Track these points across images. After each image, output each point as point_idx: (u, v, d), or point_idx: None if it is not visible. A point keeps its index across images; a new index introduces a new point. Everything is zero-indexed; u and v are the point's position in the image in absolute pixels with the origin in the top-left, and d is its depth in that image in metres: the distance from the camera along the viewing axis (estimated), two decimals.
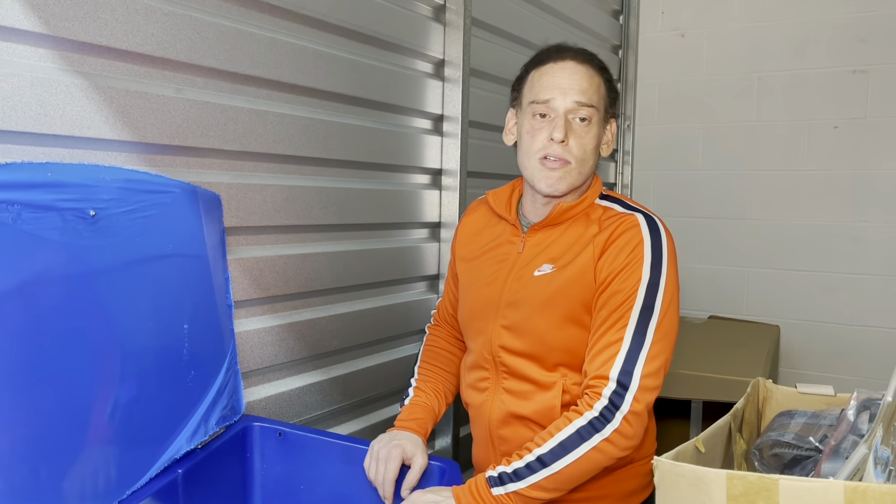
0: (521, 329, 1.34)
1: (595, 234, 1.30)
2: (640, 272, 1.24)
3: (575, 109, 1.29)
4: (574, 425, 1.20)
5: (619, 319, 1.23)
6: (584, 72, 1.32)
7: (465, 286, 1.48)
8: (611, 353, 1.22)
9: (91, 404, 1.06)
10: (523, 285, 1.34)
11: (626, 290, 1.24)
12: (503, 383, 1.38)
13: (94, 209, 1.06)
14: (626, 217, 1.30)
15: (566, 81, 1.30)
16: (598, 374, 1.22)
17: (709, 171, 3.06)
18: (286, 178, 1.61)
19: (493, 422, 1.39)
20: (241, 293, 1.49)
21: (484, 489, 1.19)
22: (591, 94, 1.31)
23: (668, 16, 3.13)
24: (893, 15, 2.71)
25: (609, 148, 1.38)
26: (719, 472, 0.89)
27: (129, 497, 1.12)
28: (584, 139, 1.30)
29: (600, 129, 1.33)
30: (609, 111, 1.36)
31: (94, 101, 1.20)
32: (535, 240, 1.37)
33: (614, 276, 1.25)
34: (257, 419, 1.43)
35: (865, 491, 0.83)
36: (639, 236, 1.26)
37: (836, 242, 2.84)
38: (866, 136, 2.77)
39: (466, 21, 2.02)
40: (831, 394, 1.34)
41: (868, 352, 2.79)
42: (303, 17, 1.61)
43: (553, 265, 1.32)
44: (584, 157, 1.30)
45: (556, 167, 1.30)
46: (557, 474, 1.18)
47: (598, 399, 1.20)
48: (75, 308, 1.04)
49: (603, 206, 1.36)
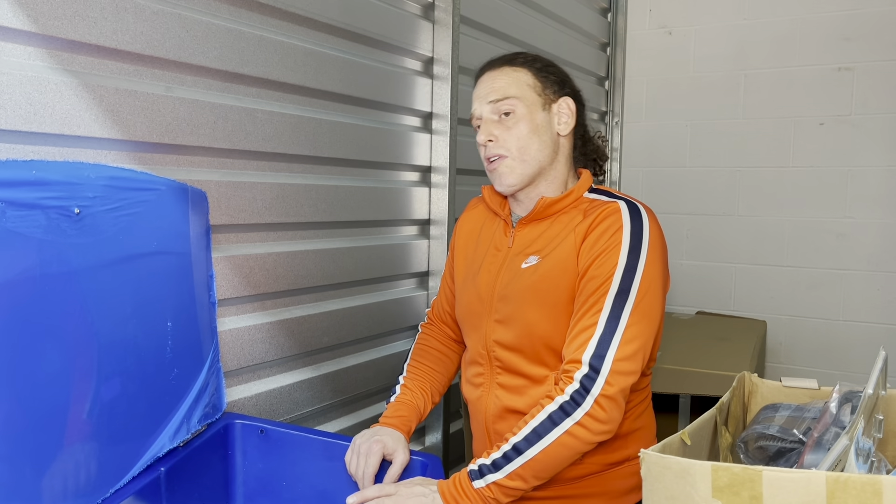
0: (512, 322, 1.36)
1: (579, 222, 1.32)
2: (616, 257, 1.24)
3: (493, 109, 1.35)
4: (546, 410, 1.20)
5: (595, 304, 1.23)
6: (497, 74, 1.37)
7: (461, 282, 1.50)
8: (585, 338, 1.22)
9: (73, 402, 1.06)
10: (512, 278, 1.36)
11: (602, 275, 1.24)
12: (497, 378, 1.40)
13: (79, 207, 1.06)
14: (608, 205, 1.31)
15: (482, 91, 1.38)
16: (571, 358, 1.23)
17: (696, 168, 3.09)
18: (276, 176, 1.61)
19: (489, 417, 1.41)
20: (231, 291, 1.50)
21: (466, 483, 1.20)
22: (507, 87, 1.35)
23: (655, 13, 3.15)
24: (878, 13, 2.74)
25: (568, 125, 1.39)
26: (704, 464, 0.91)
27: (111, 495, 1.12)
28: (512, 129, 1.34)
29: (534, 113, 1.35)
30: (548, 93, 1.38)
31: (84, 100, 1.20)
32: (524, 233, 1.39)
33: (592, 261, 1.26)
34: (239, 417, 1.43)
35: (847, 481, 0.85)
36: (619, 222, 1.27)
37: (822, 238, 2.87)
38: (851, 132, 2.80)
39: (455, 19, 2.03)
40: (815, 387, 1.36)
41: (852, 346, 2.82)
42: (292, 16, 1.61)
43: (539, 256, 1.34)
44: (520, 144, 1.33)
45: (496, 164, 1.35)
46: (532, 461, 1.18)
47: (569, 383, 1.21)
48: (59, 306, 1.04)
49: (590, 199, 1.38)
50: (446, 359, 1.59)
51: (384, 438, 1.34)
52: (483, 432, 1.44)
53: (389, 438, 1.35)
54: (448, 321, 1.61)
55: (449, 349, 1.60)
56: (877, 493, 0.84)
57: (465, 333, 1.49)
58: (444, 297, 1.62)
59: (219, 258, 1.46)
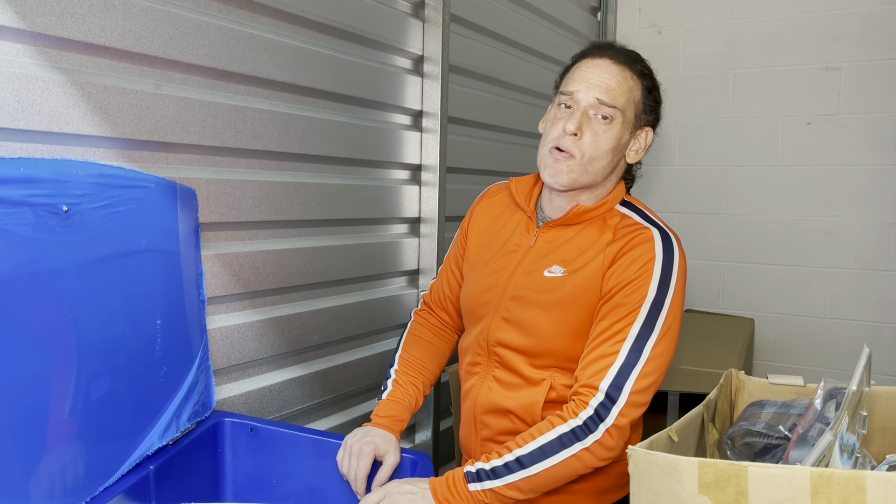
0: (522, 325, 1.34)
1: (608, 242, 1.29)
2: (646, 288, 1.23)
3: (596, 106, 1.28)
4: (556, 431, 1.20)
5: (619, 332, 1.22)
6: (616, 71, 1.30)
7: (472, 269, 1.46)
8: (604, 365, 1.21)
9: (62, 401, 1.06)
10: (531, 282, 1.34)
11: (631, 304, 1.23)
12: (493, 372, 1.39)
13: (67, 205, 1.06)
14: (642, 231, 1.29)
15: (595, 77, 1.29)
16: (588, 382, 1.22)
17: (685, 167, 3.10)
18: (266, 174, 1.61)
19: (479, 407, 1.41)
20: (220, 289, 1.49)
21: (461, 484, 1.20)
22: (618, 95, 1.29)
23: (644, 12, 3.16)
24: (866, 13, 2.76)
25: (638, 155, 1.36)
26: (691, 461, 0.91)
27: (100, 493, 1.12)
28: (599, 137, 1.28)
29: (624, 133, 1.31)
30: (642, 118, 1.34)
31: (72, 97, 1.20)
32: (549, 237, 1.36)
33: (620, 288, 1.24)
34: (228, 415, 1.43)
35: (831, 476, 0.86)
36: (651, 252, 1.25)
37: (809, 237, 2.89)
38: (839, 132, 2.82)
39: (445, 17, 2.03)
40: (801, 384, 1.37)
41: (839, 343, 2.85)
42: (282, 13, 1.61)
43: (564, 269, 1.31)
44: (594, 154, 1.28)
45: (562, 159, 1.29)
46: (534, 477, 1.19)
47: (584, 408, 1.20)
48: (47, 304, 1.03)
49: (621, 214, 1.35)
50: (437, 350, 1.56)
51: (375, 440, 1.34)
52: (470, 419, 1.44)
53: (381, 440, 1.35)
54: (448, 307, 1.56)
55: (441, 339, 1.58)
56: (860, 489, 0.85)
57: (468, 321, 1.46)
58: (445, 281, 1.56)
59: (208, 256, 1.46)
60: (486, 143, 2.41)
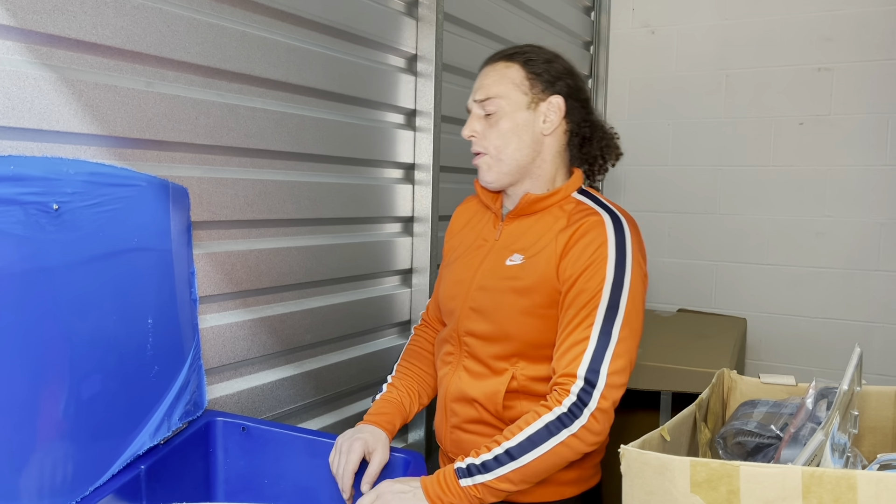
0: (486, 313, 1.38)
1: (562, 228, 1.34)
2: (604, 272, 1.27)
3: (477, 107, 1.39)
4: (542, 420, 1.22)
5: (586, 318, 1.26)
6: (488, 70, 1.40)
7: (445, 267, 1.53)
8: (578, 352, 1.25)
9: (52, 400, 1.05)
10: (494, 271, 1.39)
11: (591, 289, 1.27)
12: (464, 362, 1.44)
13: (58, 203, 1.05)
14: (593, 215, 1.33)
15: (475, 85, 1.41)
16: (565, 371, 1.25)
17: (678, 167, 3.11)
18: (258, 173, 1.60)
19: (449, 395, 1.45)
20: (212, 288, 1.49)
21: (452, 480, 1.21)
22: (490, 86, 1.37)
23: (638, 13, 3.16)
24: (858, 14, 2.77)
25: (552, 125, 1.38)
26: (683, 460, 0.92)
27: (91, 493, 1.11)
28: (491, 128, 1.37)
29: (516, 112, 1.36)
30: (535, 92, 1.37)
31: (63, 95, 1.19)
32: (511, 228, 1.42)
33: (578, 275, 1.28)
34: (220, 414, 1.43)
35: (822, 476, 0.86)
36: (602, 235, 1.29)
37: (801, 237, 2.90)
38: (830, 132, 2.83)
39: (439, 16, 2.03)
40: (792, 383, 1.37)
41: (830, 343, 2.86)
42: (274, 11, 1.60)
43: (523, 256, 1.36)
44: (497, 143, 1.37)
45: (477, 160, 1.41)
46: (525, 467, 1.20)
47: (566, 395, 1.23)
48: (37, 303, 1.03)
49: (576, 201, 1.39)
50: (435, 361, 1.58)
51: (365, 437, 1.35)
52: (443, 407, 1.47)
53: (370, 437, 1.35)
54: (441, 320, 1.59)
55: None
56: (851, 488, 0.85)
57: (444, 317, 1.51)
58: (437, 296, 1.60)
59: (200, 255, 1.45)
60: None
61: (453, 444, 1.46)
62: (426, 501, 1.19)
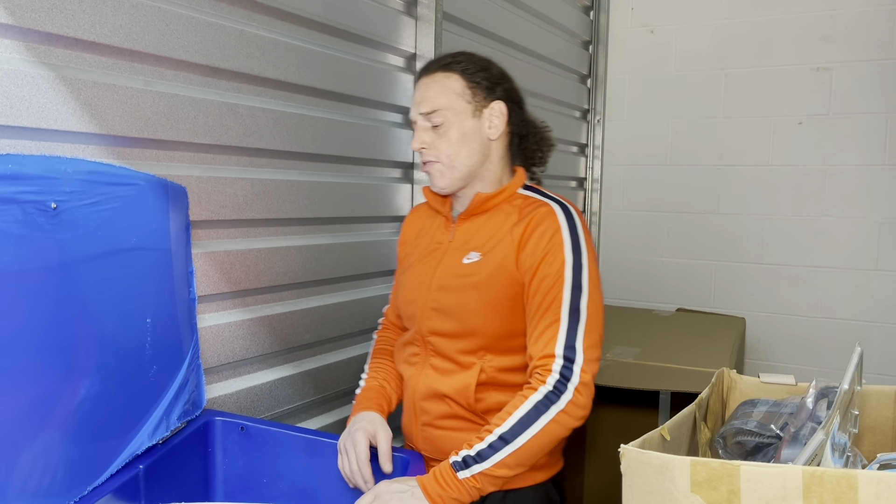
0: (449, 311, 1.42)
1: (515, 222, 1.39)
2: (562, 255, 1.33)
3: (422, 119, 1.42)
4: (531, 401, 1.26)
5: (553, 301, 1.31)
6: (428, 81, 1.44)
7: (402, 273, 1.55)
8: (552, 333, 1.30)
9: (51, 399, 1.05)
10: (452, 270, 1.43)
11: (553, 273, 1.32)
12: (430, 360, 1.47)
13: (56, 202, 1.05)
14: (542, 206, 1.39)
15: (416, 97, 1.45)
16: (543, 353, 1.30)
17: (677, 166, 3.11)
18: (257, 172, 1.60)
19: (417, 394, 1.47)
20: (211, 287, 1.48)
21: (449, 474, 1.22)
22: (433, 98, 1.41)
23: (637, 12, 3.16)
24: (856, 13, 2.77)
25: (497, 130, 1.44)
26: (683, 459, 0.91)
27: (90, 493, 1.11)
28: (441, 138, 1.41)
29: (463, 121, 1.41)
30: (477, 100, 1.43)
31: (61, 93, 1.19)
32: (463, 229, 1.47)
33: (539, 262, 1.34)
34: (219, 413, 1.43)
35: (822, 475, 0.86)
36: (555, 223, 1.35)
37: (800, 236, 2.90)
38: (829, 131, 2.83)
39: (438, 15, 2.03)
40: (792, 383, 1.37)
41: (829, 342, 2.86)
42: (273, 10, 1.60)
43: (480, 253, 1.41)
44: (449, 151, 1.41)
45: (429, 168, 1.44)
46: (519, 450, 1.23)
47: (549, 374, 1.28)
48: (35, 303, 1.02)
49: (523, 196, 1.46)
50: None
51: (361, 425, 1.36)
52: (411, 407, 1.49)
53: (366, 423, 1.37)
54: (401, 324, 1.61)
55: None
56: (852, 487, 0.85)
57: (406, 321, 1.54)
58: (395, 302, 1.63)
59: (199, 254, 1.45)
60: None
61: (425, 441, 1.48)
62: (425, 500, 1.20)
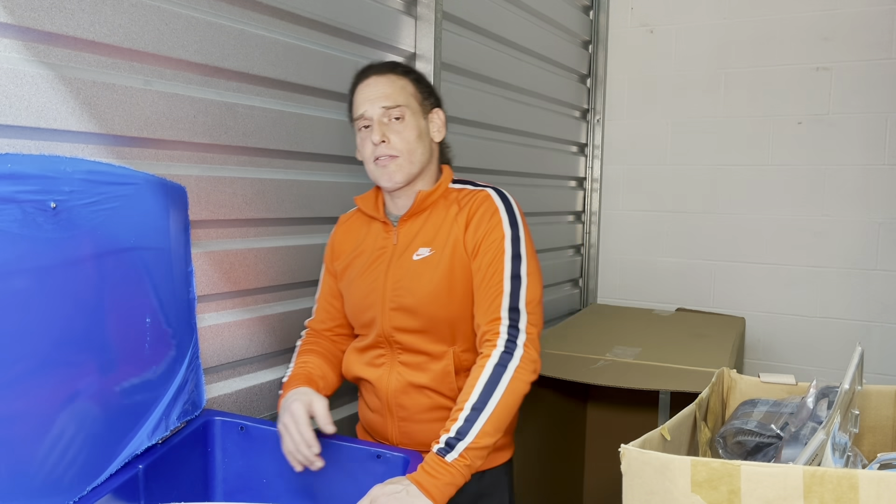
0: (410, 308, 1.46)
1: (457, 212, 1.48)
2: (501, 230, 1.43)
3: (384, 113, 1.47)
4: (489, 366, 1.33)
5: (496, 271, 1.41)
6: (385, 80, 1.50)
7: (349, 285, 1.55)
8: (496, 300, 1.39)
9: (50, 399, 1.05)
10: (405, 269, 1.47)
11: (494, 247, 1.42)
12: (399, 357, 1.50)
13: (55, 201, 1.05)
14: (478, 193, 1.49)
15: (372, 93, 1.48)
16: (490, 318, 1.39)
17: (676, 166, 3.11)
18: (257, 171, 1.60)
19: (391, 392, 1.50)
20: (211, 287, 1.48)
21: (438, 462, 1.24)
22: (396, 95, 1.48)
23: (637, 12, 3.16)
24: (856, 13, 2.77)
25: (441, 133, 1.56)
26: (684, 459, 0.91)
27: (89, 493, 1.11)
28: (403, 133, 1.47)
29: (419, 121, 1.50)
30: (426, 103, 1.53)
31: (61, 93, 1.18)
32: (406, 229, 1.51)
33: (481, 239, 1.44)
34: (219, 413, 1.43)
35: (823, 475, 0.86)
36: (493, 205, 1.46)
37: (800, 236, 2.90)
38: (829, 131, 2.83)
39: (438, 15, 2.03)
40: (792, 383, 1.37)
41: (829, 342, 2.86)
42: (273, 10, 1.60)
43: (430, 248, 1.47)
44: (408, 147, 1.47)
45: (387, 163, 1.47)
46: (493, 414, 1.29)
47: (498, 336, 1.37)
48: (35, 302, 1.02)
49: (457, 189, 1.54)
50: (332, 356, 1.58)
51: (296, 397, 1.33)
52: (384, 407, 1.52)
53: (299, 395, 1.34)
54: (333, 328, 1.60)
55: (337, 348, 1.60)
56: (853, 487, 0.85)
57: (361, 327, 1.55)
58: (325, 313, 1.60)
59: (198, 254, 1.45)
60: (479, 140, 2.40)
61: (403, 436, 1.51)
62: (422, 495, 1.20)
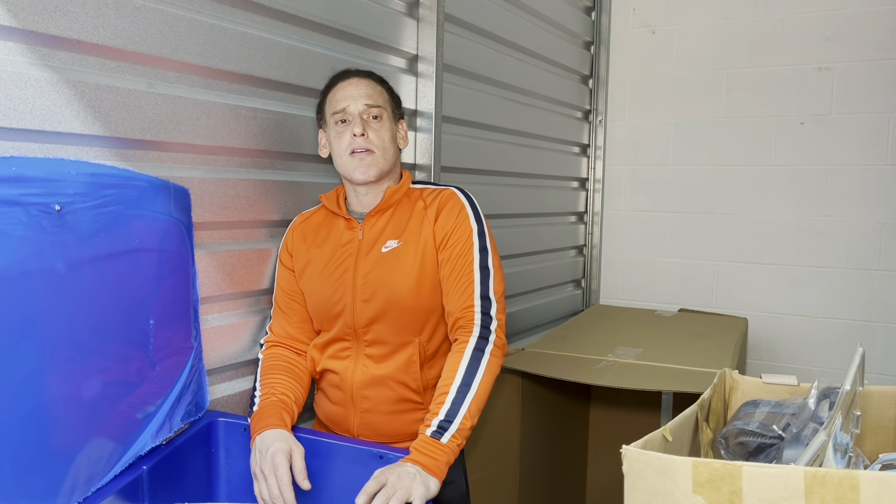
0: (381, 299, 1.50)
1: (424, 207, 1.56)
2: (469, 225, 1.53)
3: (366, 110, 1.54)
4: (467, 352, 1.42)
5: (466, 264, 1.50)
6: (366, 82, 1.58)
7: (313, 281, 1.55)
8: (467, 290, 1.49)
9: (54, 401, 1.06)
10: (375, 261, 1.52)
11: (463, 241, 1.52)
12: (364, 350, 1.53)
13: (60, 204, 1.05)
14: (443, 191, 1.59)
15: (354, 91, 1.56)
16: (464, 306, 1.48)
17: (679, 167, 3.11)
18: (260, 173, 1.61)
19: (356, 385, 1.53)
20: (214, 288, 1.49)
21: (434, 445, 1.31)
22: (377, 96, 1.57)
23: (639, 12, 3.16)
24: (858, 13, 2.77)
25: (405, 143, 1.64)
26: (685, 460, 0.91)
27: (93, 494, 1.12)
28: (380, 131, 1.55)
29: (392, 125, 1.59)
30: (396, 113, 1.63)
31: (65, 96, 1.19)
32: (371, 224, 1.56)
33: (450, 232, 1.52)
34: (222, 415, 1.43)
35: (824, 476, 0.86)
36: (459, 202, 1.56)
37: (802, 236, 2.90)
38: (831, 131, 2.83)
39: (440, 17, 2.03)
40: (794, 383, 1.37)
41: (831, 343, 2.86)
42: (276, 12, 1.60)
43: (398, 239, 1.53)
44: (383, 145, 1.55)
45: (364, 156, 1.53)
46: (477, 395, 1.38)
47: (472, 323, 1.46)
48: (39, 304, 1.03)
49: (419, 189, 1.62)
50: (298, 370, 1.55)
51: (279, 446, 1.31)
52: (346, 399, 1.54)
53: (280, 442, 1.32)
54: (296, 335, 1.58)
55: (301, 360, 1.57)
56: (854, 488, 0.85)
57: (327, 322, 1.55)
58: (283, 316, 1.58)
59: (202, 255, 1.45)
60: (481, 142, 2.41)
61: (364, 426, 1.54)
62: (428, 475, 1.27)
